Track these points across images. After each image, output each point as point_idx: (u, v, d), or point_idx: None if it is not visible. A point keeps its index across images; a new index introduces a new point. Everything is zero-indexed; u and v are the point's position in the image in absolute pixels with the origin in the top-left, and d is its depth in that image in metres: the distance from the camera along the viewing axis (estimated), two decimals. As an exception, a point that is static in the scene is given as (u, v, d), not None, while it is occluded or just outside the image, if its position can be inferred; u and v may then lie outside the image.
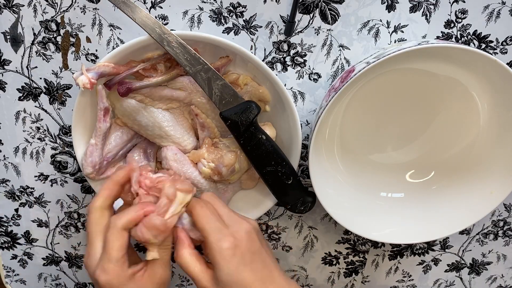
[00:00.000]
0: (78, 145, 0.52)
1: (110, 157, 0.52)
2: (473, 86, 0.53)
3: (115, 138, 0.52)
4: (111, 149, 0.52)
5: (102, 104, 0.49)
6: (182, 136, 0.52)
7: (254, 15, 0.52)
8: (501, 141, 0.53)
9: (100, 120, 0.50)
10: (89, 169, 0.51)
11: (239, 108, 0.48)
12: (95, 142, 0.50)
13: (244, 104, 0.48)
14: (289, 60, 0.54)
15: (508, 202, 0.62)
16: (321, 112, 0.48)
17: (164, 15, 0.52)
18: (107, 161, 0.52)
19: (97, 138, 0.50)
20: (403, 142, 0.57)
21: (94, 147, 0.50)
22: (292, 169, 0.51)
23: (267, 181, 0.51)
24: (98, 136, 0.50)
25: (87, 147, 0.51)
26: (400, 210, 0.57)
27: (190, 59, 0.47)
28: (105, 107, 0.49)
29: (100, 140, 0.50)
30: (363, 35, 0.52)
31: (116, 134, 0.52)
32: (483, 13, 0.51)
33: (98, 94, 0.49)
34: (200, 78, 0.48)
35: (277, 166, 0.50)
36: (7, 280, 0.67)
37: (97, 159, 0.51)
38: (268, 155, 0.50)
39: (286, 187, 0.51)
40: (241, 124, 0.48)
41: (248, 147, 0.49)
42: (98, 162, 0.51)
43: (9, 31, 0.52)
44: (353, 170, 0.57)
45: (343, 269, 0.66)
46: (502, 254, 0.66)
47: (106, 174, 0.53)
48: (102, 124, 0.50)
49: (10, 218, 0.62)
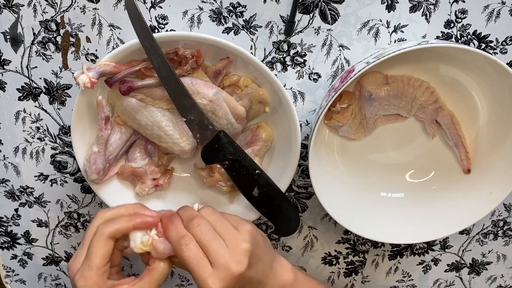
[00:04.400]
0: (77, 145, 0.52)
1: (112, 159, 0.53)
2: (473, 86, 0.53)
3: (115, 140, 0.52)
4: (112, 151, 0.52)
5: (103, 114, 0.50)
6: (182, 137, 0.52)
7: (254, 15, 0.52)
8: (501, 141, 0.53)
9: (101, 129, 0.50)
10: (94, 176, 0.52)
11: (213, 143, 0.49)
12: (98, 150, 0.51)
13: (216, 137, 0.49)
14: (289, 60, 0.54)
15: (508, 202, 0.62)
16: (321, 112, 0.48)
17: (164, 15, 0.52)
18: (109, 163, 0.52)
19: (100, 146, 0.51)
20: (403, 142, 0.57)
21: (97, 154, 0.51)
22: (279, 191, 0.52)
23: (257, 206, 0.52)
24: (101, 144, 0.51)
25: (89, 155, 0.51)
26: (400, 210, 0.57)
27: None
28: (106, 116, 0.50)
29: (102, 148, 0.51)
30: (363, 35, 0.52)
31: (115, 136, 0.52)
32: (483, 13, 0.51)
33: (99, 105, 0.49)
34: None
35: (261, 188, 0.51)
36: (7, 280, 0.67)
37: (101, 166, 0.51)
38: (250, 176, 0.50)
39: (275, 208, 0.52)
40: (220, 160, 0.50)
41: (233, 173, 0.50)
42: (102, 168, 0.52)
43: (9, 31, 0.52)
44: (353, 170, 0.57)
45: (343, 269, 0.66)
46: (502, 254, 0.66)
47: (109, 175, 0.54)
48: (104, 133, 0.50)
49: (10, 218, 0.62)
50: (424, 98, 0.52)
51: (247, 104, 0.52)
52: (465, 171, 0.55)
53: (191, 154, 0.53)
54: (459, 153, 0.55)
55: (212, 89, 0.50)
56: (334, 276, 0.67)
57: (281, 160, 0.54)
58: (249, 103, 0.53)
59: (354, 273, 0.67)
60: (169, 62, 0.47)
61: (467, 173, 0.55)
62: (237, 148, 0.50)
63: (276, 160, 0.55)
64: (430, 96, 0.52)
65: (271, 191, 0.51)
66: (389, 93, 0.52)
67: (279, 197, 0.51)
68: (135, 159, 0.54)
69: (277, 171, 0.54)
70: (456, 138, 0.54)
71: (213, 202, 0.57)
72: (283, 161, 0.54)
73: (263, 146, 0.54)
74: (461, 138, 0.54)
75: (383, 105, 0.53)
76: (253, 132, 0.55)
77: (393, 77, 0.52)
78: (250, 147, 0.54)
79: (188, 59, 0.49)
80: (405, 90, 0.52)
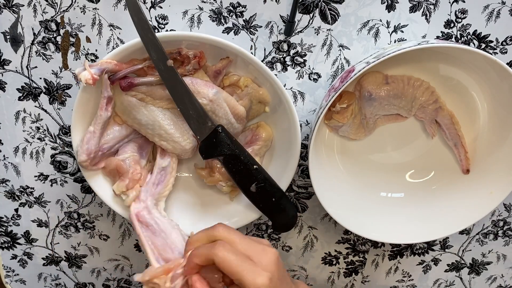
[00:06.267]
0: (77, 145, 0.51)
1: (106, 149, 0.51)
2: (473, 86, 0.53)
3: (113, 130, 0.51)
4: (108, 141, 0.51)
5: (107, 93, 0.49)
6: (182, 136, 0.52)
7: (254, 15, 0.52)
8: (501, 141, 0.53)
9: (102, 108, 0.49)
10: (84, 157, 0.50)
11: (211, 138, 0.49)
12: (93, 130, 0.50)
13: (214, 132, 0.49)
14: (289, 60, 0.54)
15: (508, 202, 0.62)
16: (321, 112, 0.48)
17: (164, 15, 0.52)
18: (102, 152, 0.51)
19: (96, 126, 0.49)
20: (403, 142, 0.57)
21: (92, 134, 0.50)
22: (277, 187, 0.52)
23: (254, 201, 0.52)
24: (98, 124, 0.49)
25: (84, 134, 0.50)
26: (400, 210, 0.57)
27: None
28: (109, 96, 0.49)
29: (99, 129, 0.50)
30: (363, 35, 0.52)
31: (115, 127, 0.51)
32: (483, 13, 0.51)
33: (103, 83, 0.48)
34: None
35: (259, 184, 0.51)
36: (7, 280, 0.67)
37: (93, 148, 0.50)
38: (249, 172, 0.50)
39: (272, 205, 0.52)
40: (217, 154, 0.50)
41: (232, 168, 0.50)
42: (94, 150, 0.50)
43: (9, 31, 0.52)
44: (353, 170, 0.57)
45: (343, 269, 0.66)
46: (502, 254, 0.66)
47: (99, 166, 0.52)
48: (104, 113, 0.49)
49: (10, 218, 0.62)
50: (424, 98, 0.52)
51: (247, 104, 0.52)
52: (464, 171, 0.55)
53: (191, 154, 0.53)
54: (458, 153, 0.55)
55: (212, 89, 0.50)
56: (334, 276, 0.67)
57: (281, 160, 0.54)
58: (249, 103, 0.53)
59: (354, 273, 0.67)
60: (167, 55, 0.47)
61: (466, 173, 0.55)
62: (235, 143, 0.50)
63: (276, 160, 0.55)
64: (430, 96, 0.52)
65: (269, 186, 0.51)
66: (389, 93, 0.52)
67: (277, 193, 0.51)
68: (124, 153, 0.53)
69: (277, 171, 0.54)
70: (455, 138, 0.54)
71: (213, 202, 0.57)
72: (283, 161, 0.54)
73: (263, 145, 0.54)
74: (461, 138, 0.54)
75: (383, 105, 0.53)
76: (253, 131, 0.55)
77: (393, 77, 0.52)
78: (250, 146, 0.54)
79: (191, 59, 0.49)
80: (405, 90, 0.52)
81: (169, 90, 0.48)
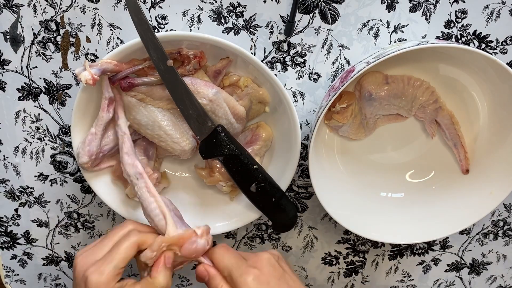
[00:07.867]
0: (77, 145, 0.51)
1: (107, 150, 0.51)
2: (473, 86, 0.53)
3: (115, 132, 0.51)
4: (108, 142, 0.51)
5: (108, 94, 0.49)
6: (182, 137, 0.52)
7: (254, 15, 0.52)
8: (501, 141, 0.53)
9: (103, 109, 0.49)
10: (85, 158, 0.50)
11: (211, 138, 0.49)
12: (95, 131, 0.49)
13: (214, 132, 0.49)
14: (289, 60, 0.54)
15: (508, 202, 0.62)
16: (321, 112, 0.48)
17: (164, 15, 0.52)
18: (103, 153, 0.51)
19: (98, 128, 0.49)
20: (403, 142, 0.57)
21: (93, 136, 0.50)
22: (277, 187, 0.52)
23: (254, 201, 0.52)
24: (99, 126, 0.49)
25: (86, 136, 0.50)
26: (400, 210, 0.57)
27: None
28: (110, 97, 0.49)
29: (100, 130, 0.50)
30: (363, 35, 0.52)
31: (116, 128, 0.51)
32: (483, 13, 0.51)
33: (104, 83, 0.48)
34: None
35: (259, 184, 0.51)
36: (7, 280, 0.67)
37: (94, 149, 0.50)
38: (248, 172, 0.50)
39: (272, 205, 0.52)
40: (217, 154, 0.50)
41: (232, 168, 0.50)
42: (95, 152, 0.50)
43: (9, 31, 0.52)
44: (353, 170, 0.57)
45: (343, 269, 0.66)
46: (502, 254, 0.66)
47: (100, 167, 0.52)
48: (105, 114, 0.49)
49: (10, 218, 0.62)
50: (424, 98, 0.52)
51: (247, 104, 0.52)
52: (463, 171, 0.55)
53: (191, 154, 0.53)
54: (458, 153, 0.55)
55: (212, 89, 0.50)
56: (334, 276, 0.67)
57: (281, 160, 0.54)
58: (249, 103, 0.53)
59: (354, 273, 0.67)
60: (167, 55, 0.47)
61: (465, 173, 0.55)
62: (235, 143, 0.50)
63: (276, 160, 0.55)
64: (430, 96, 0.52)
65: (269, 186, 0.51)
66: (389, 93, 0.52)
67: (277, 193, 0.51)
68: None
69: (277, 171, 0.54)
70: (455, 138, 0.54)
71: (213, 202, 0.57)
72: (283, 161, 0.54)
73: (263, 145, 0.54)
74: (460, 138, 0.54)
75: (383, 105, 0.53)
76: (253, 131, 0.55)
77: (393, 77, 0.52)
78: (250, 146, 0.54)
79: (191, 59, 0.49)
80: (405, 90, 0.52)
81: (169, 90, 0.48)
